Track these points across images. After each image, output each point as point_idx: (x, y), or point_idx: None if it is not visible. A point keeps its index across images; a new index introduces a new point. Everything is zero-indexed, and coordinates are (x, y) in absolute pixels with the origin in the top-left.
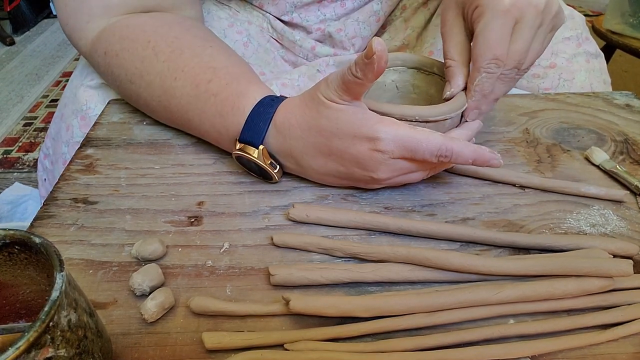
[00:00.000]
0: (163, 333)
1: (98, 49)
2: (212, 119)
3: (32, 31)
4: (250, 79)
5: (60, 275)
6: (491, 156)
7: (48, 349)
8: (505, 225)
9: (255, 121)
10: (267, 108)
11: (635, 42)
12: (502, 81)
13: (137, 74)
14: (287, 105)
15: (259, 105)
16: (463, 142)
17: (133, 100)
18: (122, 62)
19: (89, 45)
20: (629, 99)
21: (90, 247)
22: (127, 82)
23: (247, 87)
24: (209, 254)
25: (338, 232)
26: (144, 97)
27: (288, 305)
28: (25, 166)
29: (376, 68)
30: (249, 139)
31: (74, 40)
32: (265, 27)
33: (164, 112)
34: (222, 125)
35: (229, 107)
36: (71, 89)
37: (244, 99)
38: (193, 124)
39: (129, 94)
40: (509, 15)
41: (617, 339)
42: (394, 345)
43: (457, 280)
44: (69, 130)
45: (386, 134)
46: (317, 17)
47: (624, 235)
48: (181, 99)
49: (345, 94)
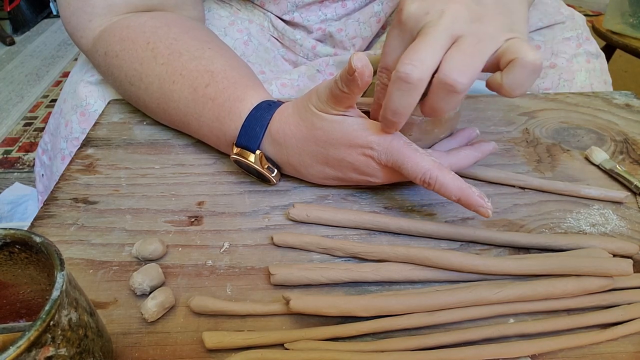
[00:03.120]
0: (163, 332)
1: (99, 49)
2: (210, 123)
3: (32, 31)
4: (248, 82)
5: (61, 274)
6: (479, 202)
7: (49, 348)
8: (505, 224)
9: (252, 126)
10: (264, 113)
11: (635, 42)
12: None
13: (137, 75)
14: (282, 113)
15: (255, 110)
16: (452, 176)
17: (133, 101)
18: (121, 63)
19: (90, 44)
20: (628, 99)
21: (90, 246)
22: (127, 84)
23: (244, 92)
24: (209, 253)
25: (338, 232)
26: (143, 99)
27: (288, 305)
28: (25, 166)
29: (360, 84)
30: (245, 144)
31: (76, 39)
32: (266, 26)
33: (163, 115)
34: (220, 129)
35: (225, 112)
36: (71, 85)
37: (240, 103)
38: (192, 128)
39: (129, 95)
40: (402, 27)
41: (617, 338)
42: (394, 344)
43: (457, 280)
44: (68, 126)
45: (379, 145)
46: (318, 17)
47: (623, 234)
48: (179, 102)
49: (337, 105)
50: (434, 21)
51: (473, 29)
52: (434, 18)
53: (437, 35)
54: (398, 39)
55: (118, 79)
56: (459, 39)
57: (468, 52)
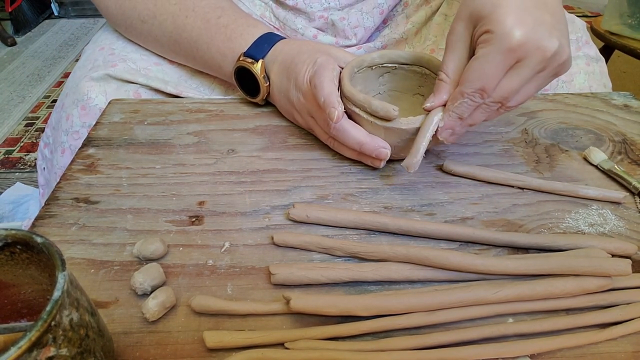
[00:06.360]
0: (164, 332)
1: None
2: (220, 44)
3: (33, 32)
4: (257, 20)
5: (62, 275)
6: (379, 144)
7: (50, 348)
8: (504, 224)
9: (262, 42)
10: (274, 36)
11: (634, 43)
12: (483, 110)
13: (150, 14)
14: (285, 45)
15: (268, 34)
16: (357, 127)
17: (142, 37)
18: (135, 4)
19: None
20: (627, 100)
21: (91, 246)
22: (138, 22)
23: (255, 22)
24: (210, 253)
25: (338, 232)
26: (155, 34)
27: (289, 304)
28: (26, 166)
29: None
30: (252, 54)
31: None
32: (267, 15)
33: (173, 46)
34: (229, 47)
35: (238, 34)
36: (74, 80)
37: (254, 29)
38: (199, 53)
39: (139, 32)
40: (512, 55)
41: (616, 338)
42: (393, 344)
43: (456, 280)
44: (69, 120)
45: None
46: (321, 4)
47: (622, 234)
48: (192, 32)
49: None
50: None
51: None
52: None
53: None
54: (502, 64)
55: (130, 18)
56: None
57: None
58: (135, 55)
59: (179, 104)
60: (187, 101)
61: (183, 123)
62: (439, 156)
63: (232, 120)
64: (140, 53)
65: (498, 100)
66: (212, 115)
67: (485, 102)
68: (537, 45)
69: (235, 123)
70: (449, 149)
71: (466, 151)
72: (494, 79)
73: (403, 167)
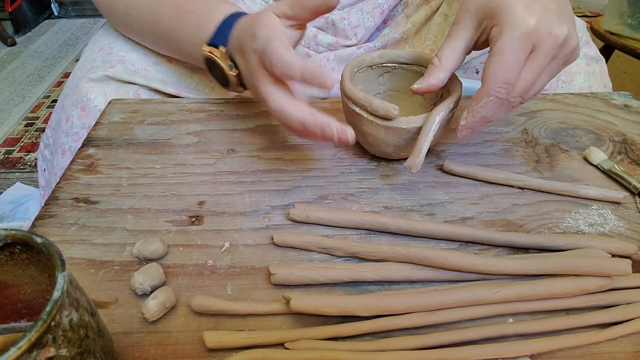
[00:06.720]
0: (164, 332)
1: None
2: (191, 33)
3: (33, 32)
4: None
5: (62, 275)
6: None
7: (50, 348)
8: (504, 224)
9: (223, 29)
10: (233, 18)
11: (634, 43)
12: (504, 107)
13: (130, 5)
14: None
15: (230, 17)
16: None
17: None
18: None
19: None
20: (627, 100)
21: (91, 246)
22: (123, 14)
23: (219, 3)
24: (210, 253)
25: (338, 232)
26: (137, 26)
27: (288, 304)
28: (26, 166)
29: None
30: (214, 42)
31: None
32: None
33: (154, 37)
34: (198, 36)
35: (203, 22)
36: (73, 81)
37: (216, 12)
38: (176, 44)
39: (129, 23)
40: (529, 40)
41: (616, 338)
42: (393, 344)
43: (456, 280)
44: (69, 121)
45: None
46: None
47: (622, 234)
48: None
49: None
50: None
51: None
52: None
53: None
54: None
55: (116, 10)
56: None
57: None
58: (133, 56)
59: (179, 104)
60: (187, 101)
61: (183, 123)
62: (439, 156)
63: (232, 120)
64: (138, 53)
65: (519, 94)
66: (212, 115)
67: (509, 99)
68: (549, 32)
69: (235, 123)
70: (449, 149)
71: (466, 151)
72: (516, 68)
73: (405, 167)
